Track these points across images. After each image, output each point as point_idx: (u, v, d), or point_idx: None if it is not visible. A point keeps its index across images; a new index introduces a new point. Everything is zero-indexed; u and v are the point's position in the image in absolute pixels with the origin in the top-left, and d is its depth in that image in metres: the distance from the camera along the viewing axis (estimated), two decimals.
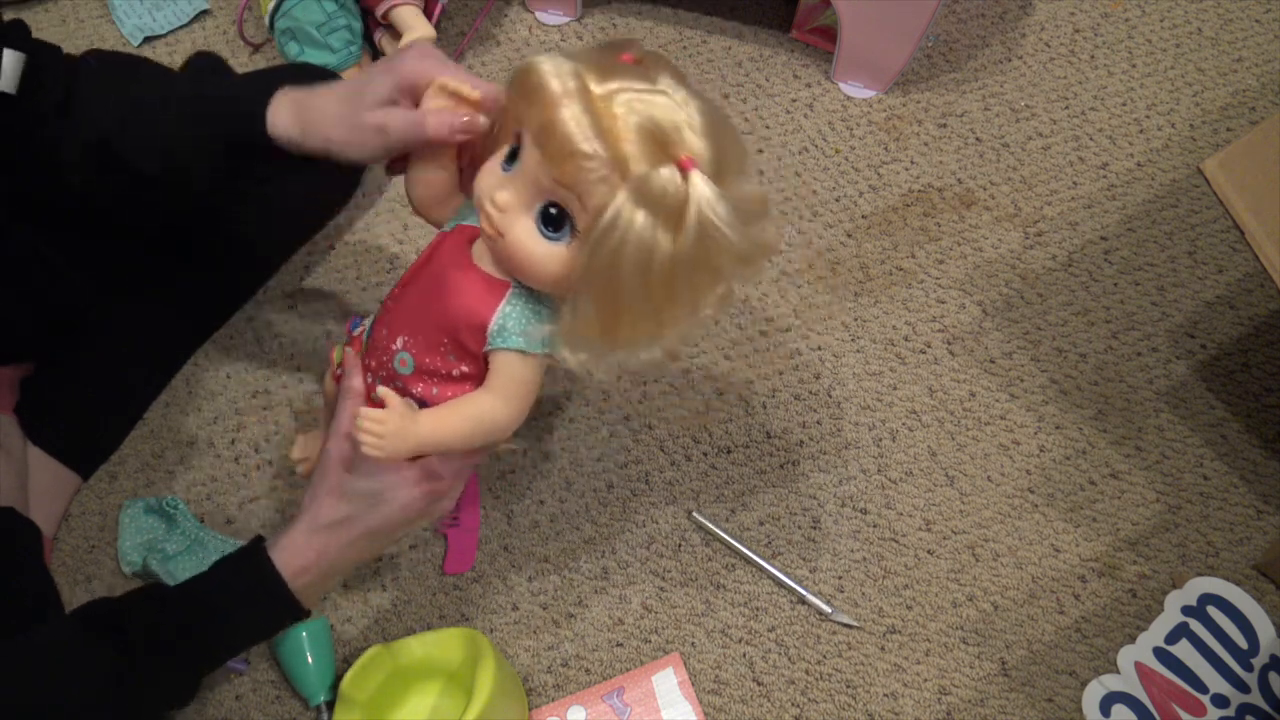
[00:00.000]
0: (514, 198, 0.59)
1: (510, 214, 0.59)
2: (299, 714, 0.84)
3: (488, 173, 0.61)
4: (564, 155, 0.55)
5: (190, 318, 1.00)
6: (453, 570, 0.90)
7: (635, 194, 0.55)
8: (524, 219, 0.59)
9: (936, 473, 0.97)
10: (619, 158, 0.55)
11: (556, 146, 0.55)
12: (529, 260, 0.60)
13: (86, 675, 0.63)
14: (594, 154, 0.54)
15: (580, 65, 0.57)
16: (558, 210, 0.58)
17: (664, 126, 0.56)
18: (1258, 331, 1.06)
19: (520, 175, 0.59)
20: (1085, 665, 0.88)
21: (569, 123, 0.54)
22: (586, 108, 0.55)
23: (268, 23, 1.13)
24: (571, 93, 0.55)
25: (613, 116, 0.55)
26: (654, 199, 0.55)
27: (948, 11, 1.30)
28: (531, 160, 0.58)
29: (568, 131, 0.54)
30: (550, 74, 0.56)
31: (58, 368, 0.91)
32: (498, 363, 0.64)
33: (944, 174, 1.16)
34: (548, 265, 0.60)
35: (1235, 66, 1.27)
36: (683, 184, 0.55)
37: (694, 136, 0.56)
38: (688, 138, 0.56)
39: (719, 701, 0.85)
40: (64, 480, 0.91)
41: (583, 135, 0.54)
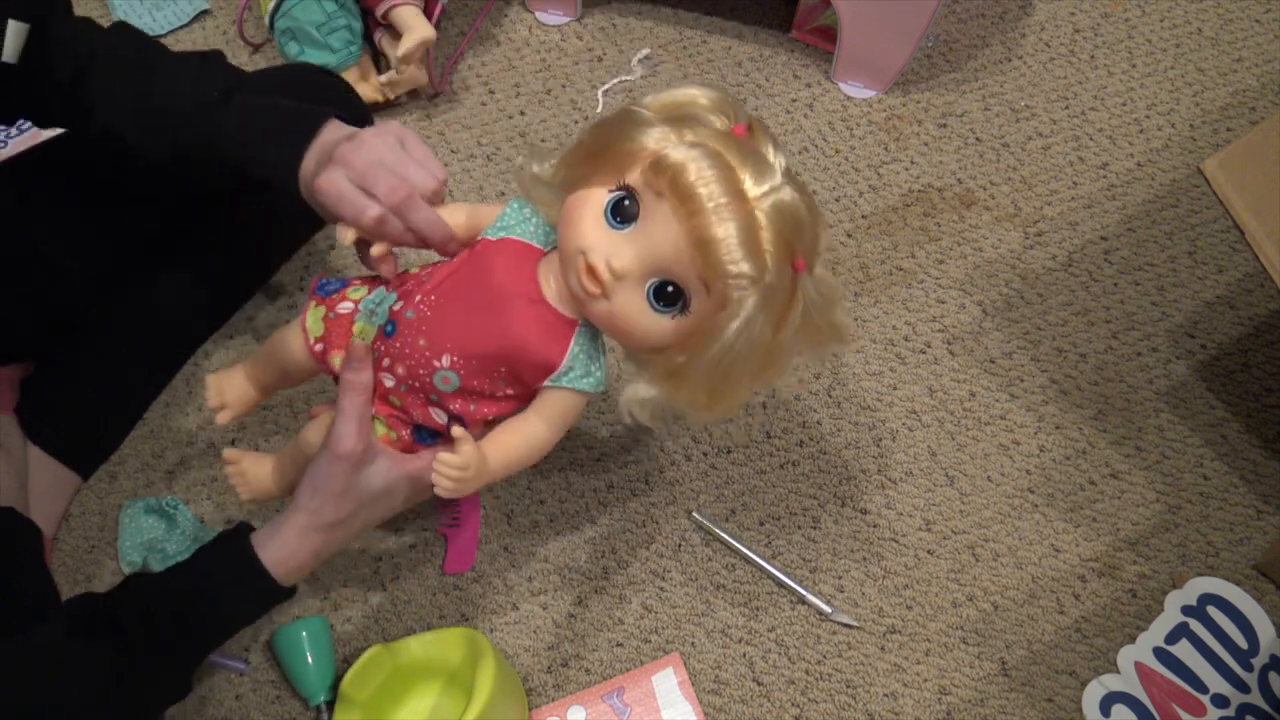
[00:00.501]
0: (634, 266, 0.58)
1: (625, 282, 0.58)
2: (299, 714, 0.84)
3: (592, 224, 0.59)
4: (715, 269, 0.56)
5: (190, 317, 0.99)
6: (453, 570, 0.90)
7: (764, 300, 0.57)
8: (636, 290, 0.59)
9: (936, 473, 0.97)
10: (761, 268, 0.56)
11: (712, 260, 0.55)
12: (633, 329, 0.60)
13: (85, 675, 0.63)
14: (743, 274, 0.56)
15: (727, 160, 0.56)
16: (675, 289, 0.58)
17: (792, 231, 0.57)
18: (1258, 331, 1.06)
19: (641, 246, 0.58)
20: (1085, 665, 0.88)
21: (726, 243, 0.55)
22: (744, 225, 0.55)
23: (268, 23, 1.13)
24: (727, 208, 0.55)
25: (759, 227, 0.56)
26: (776, 299, 0.58)
27: (948, 11, 1.30)
28: (666, 242, 0.57)
29: (725, 252, 0.55)
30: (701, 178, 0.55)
31: (58, 368, 0.91)
32: (554, 397, 0.65)
33: (944, 174, 1.16)
34: (649, 334, 0.60)
35: (1235, 66, 1.27)
36: (794, 285, 0.59)
37: (807, 233, 0.59)
38: (804, 233, 0.58)
39: (719, 701, 0.85)
40: (64, 480, 0.91)
41: (738, 256, 0.55)
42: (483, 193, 1.12)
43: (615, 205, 0.58)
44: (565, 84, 1.21)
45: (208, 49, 0.79)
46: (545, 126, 1.18)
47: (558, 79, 1.22)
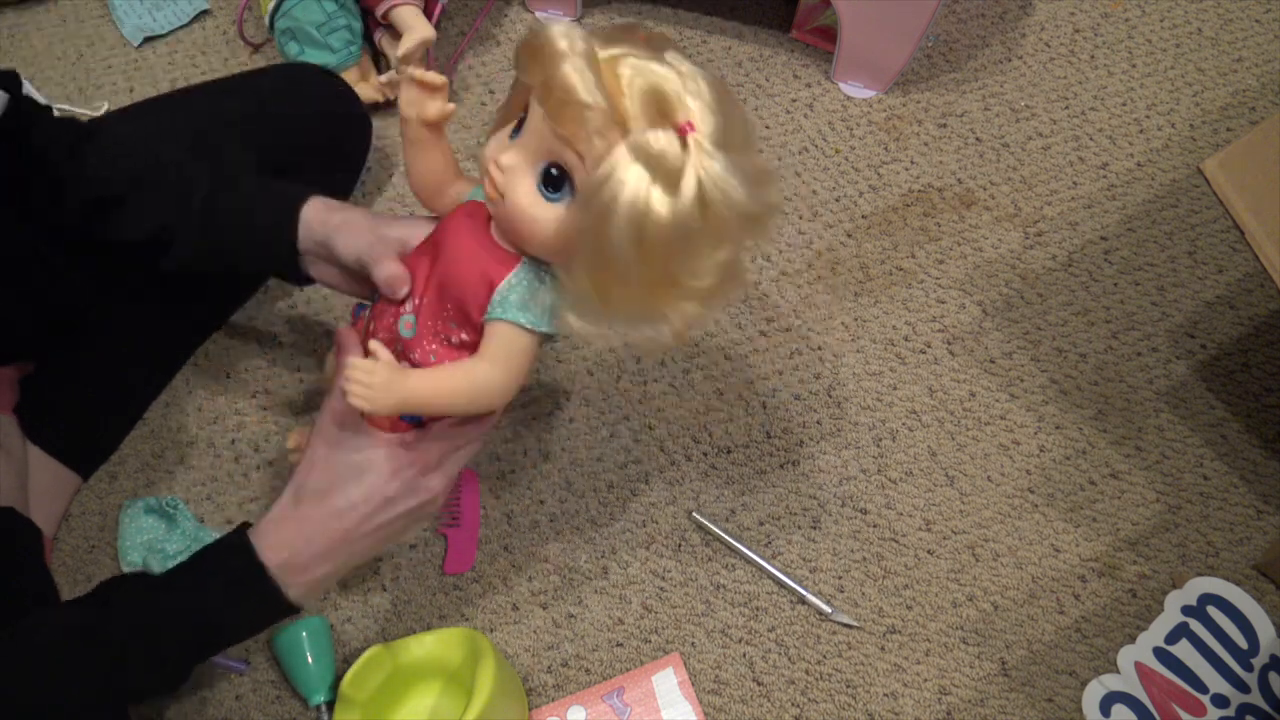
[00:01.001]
0: (517, 158, 0.60)
1: (512, 174, 0.60)
2: (299, 714, 0.84)
3: (494, 141, 0.62)
4: (564, 105, 0.55)
5: (190, 317, 1.00)
6: (453, 570, 0.90)
7: (633, 150, 0.55)
8: (526, 180, 0.60)
9: (936, 473, 0.97)
10: (619, 113, 0.55)
11: (558, 99, 0.55)
12: (528, 221, 0.60)
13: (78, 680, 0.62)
14: (594, 104, 0.54)
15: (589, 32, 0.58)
16: (559, 170, 0.59)
17: (667, 92, 0.56)
18: (1258, 331, 1.06)
19: (524, 137, 0.60)
20: (1085, 665, 0.88)
21: (571, 75, 0.55)
22: (590, 64, 0.55)
23: (268, 23, 1.13)
24: (577, 51, 0.55)
25: (615, 76, 0.56)
26: (651, 157, 0.55)
27: (948, 11, 1.30)
28: (535, 119, 0.58)
29: (569, 83, 0.55)
30: (557, 34, 0.56)
31: (58, 368, 0.91)
32: (494, 331, 0.64)
33: (944, 174, 1.16)
34: (546, 226, 0.60)
35: (1235, 66, 1.27)
36: (681, 148, 0.55)
37: (697, 105, 0.56)
38: (690, 104, 0.56)
39: (719, 701, 0.85)
40: (64, 480, 0.91)
41: (584, 87, 0.54)
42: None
43: (516, 126, 0.61)
44: None
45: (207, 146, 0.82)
46: None
47: None
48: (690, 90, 0.56)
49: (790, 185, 1.15)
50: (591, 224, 0.56)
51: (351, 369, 0.61)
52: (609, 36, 0.58)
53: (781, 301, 1.06)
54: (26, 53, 1.21)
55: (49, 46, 1.22)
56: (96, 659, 0.63)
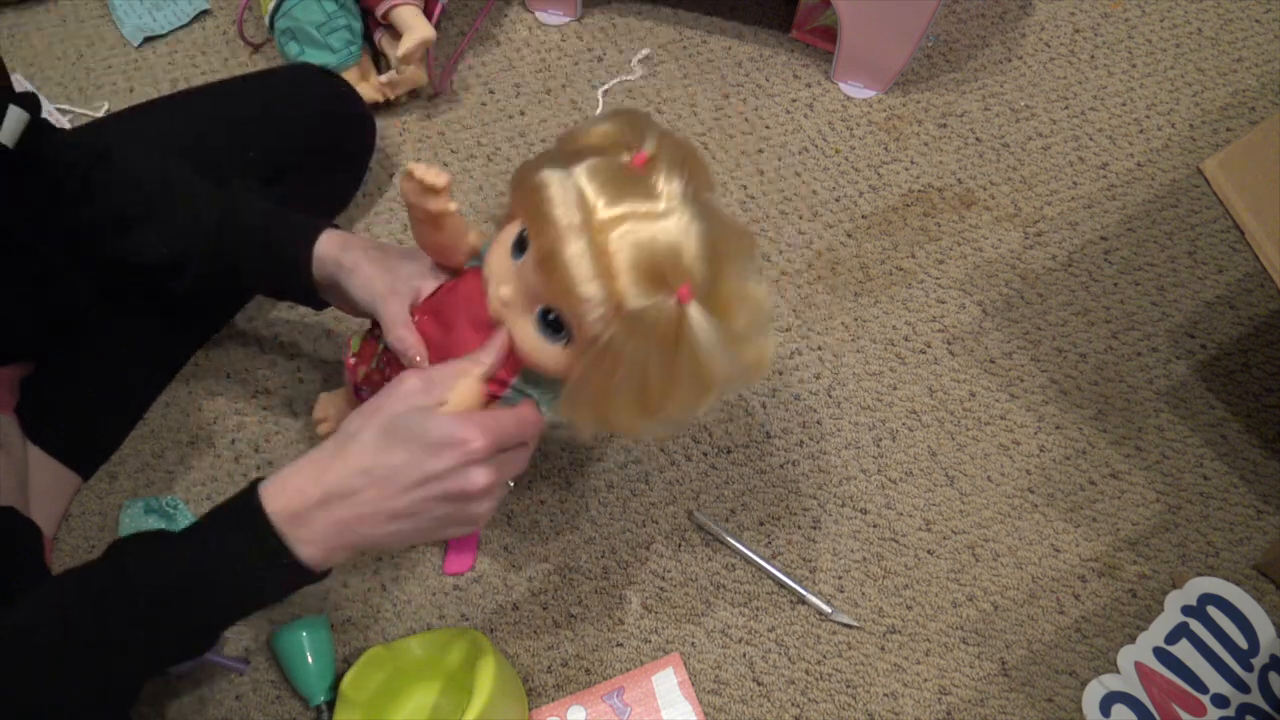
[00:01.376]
0: (516, 297, 0.62)
1: (511, 311, 0.62)
2: (299, 714, 0.84)
3: (499, 253, 0.63)
4: (563, 291, 0.57)
5: (191, 319, 1.00)
6: (453, 570, 0.90)
7: (627, 328, 0.56)
8: (524, 318, 0.62)
9: (936, 473, 0.97)
10: (614, 294, 0.56)
11: (557, 281, 0.56)
12: (528, 356, 0.63)
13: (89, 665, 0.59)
14: (590, 298, 0.56)
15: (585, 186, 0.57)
16: (555, 317, 0.60)
17: (660, 258, 0.56)
18: (1258, 331, 1.06)
19: (523, 277, 0.61)
20: (1085, 665, 0.88)
21: (570, 263, 0.56)
22: (588, 246, 0.55)
23: (268, 23, 1.13)
24: (576, 228, 0.56)
25: (610, 254, 0.55)
26: (646, 330, 0.57)
27: (948, 11, 1.30)
28: (530, 271, 0.59)
29: (569, 272, 0.56)
30: (558, 201, 0.57)
31: (58, 368, 0.91)
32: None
33: (944, 174, 1.16)
34: (546, 363, 0.62)
35: (1235, 66, 1.27)
36: (677, 314, 0.56)
37: (693, 260, 0.56)
38: (686, 263, 0.56)
39: (719, 701, 0.85)
40: (64, 480, 0.91)
41: (582, 277, 0.55)
42: (482, 193, 1.12)
43: (517, 241, 0.62)
44: (565, 84, 1.21)
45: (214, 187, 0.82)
46: (545, 126, 1.18)
47: (558, 79, 1.22)
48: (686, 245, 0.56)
49: (790, 185, 1.15)
50: (594, 380, 0.59)
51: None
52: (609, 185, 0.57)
53: (781, 301, 1.06)
54: (26, 53, 1.21)
55: (49, 46, 1.22)
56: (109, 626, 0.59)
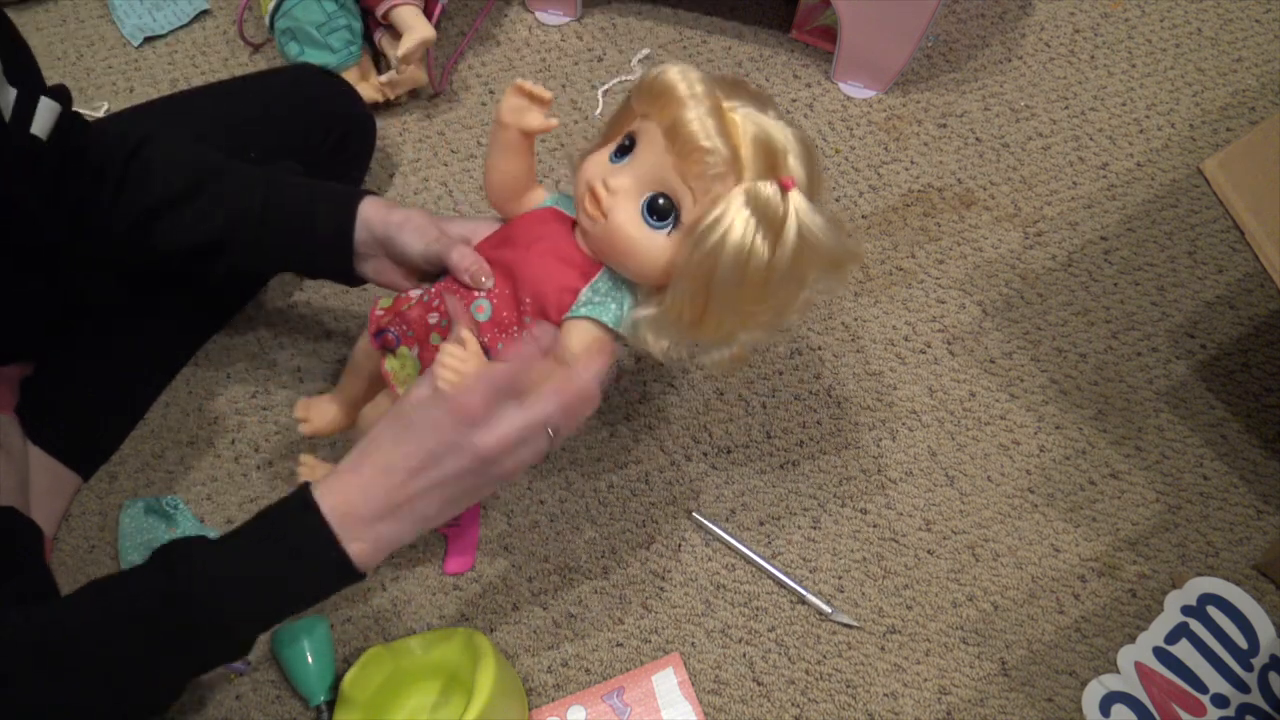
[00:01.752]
0: (626, 182, 0.64)
1: (619, 198, 0.64)
2: (299, 714, 0.84)
3: (595, 162, 0.66)
4: (689, 149, 0.61)
5: (191, 318, 1.00)
6: (453, 570, 0.90)
7: (746, 196, 0.60)
8: (631, 204, 0.64)
9: (936, 473, 0.97)
10: (737, 160, 0.61)
11: (683, 141, 0.61)
12: (630, 244, 0.65)
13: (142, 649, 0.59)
14: (716, 150, 0.60)
15: (706, 78, 0.63)
16: (666, 200, 0.63)
17: (775, 145, 0.62)
18: (1258, 331, 1.06)
19: (635, 166, 0.64)
20: (1085, 665, 0.88)
21: (695, 121, 0.60)
22: (712, 110, 0.61)
23: (268, 23, 1.13)
24: (700, 96, 0.61)
25: (734, 123, 0.62)
26: (760, 206, 0.60)
27: (948, 11, 1.30)
28: (651, 154, 0.63)
29: (694, 130, 0.60)
30: (679, 79, 0.62)
31: (58, 368, 0.91)
32: (573, 329, 0.67)
33: (944, 174, 1.16)
34: (648, 251, 0.64)
35: (1235, 66, 1.27)
36: (783, 200, 0.61)
37: (795, 162, 0.63)
38: (791, 162, 0.63)
39: (719, 701, 0.85)
40: (64, 480, 0.91)
41: (707, 133, 0.60)
42: (483, 192, 1.12)
43: (619, 149, 0.65)
44: (565, 84, 1.21)
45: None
46: None
47: (558, 79, 1.22)
48: (792, 148, 0.63)
49: None
50: (699, 260, 0.62)
51: (446, 353, 0.61)
52: (723, 86, 0.64)
53: None
54: None
55: (49, 46, 1.22)
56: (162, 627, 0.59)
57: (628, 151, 0.65)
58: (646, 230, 0.64)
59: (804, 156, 0.64)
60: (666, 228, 0.64)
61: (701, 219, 0.61)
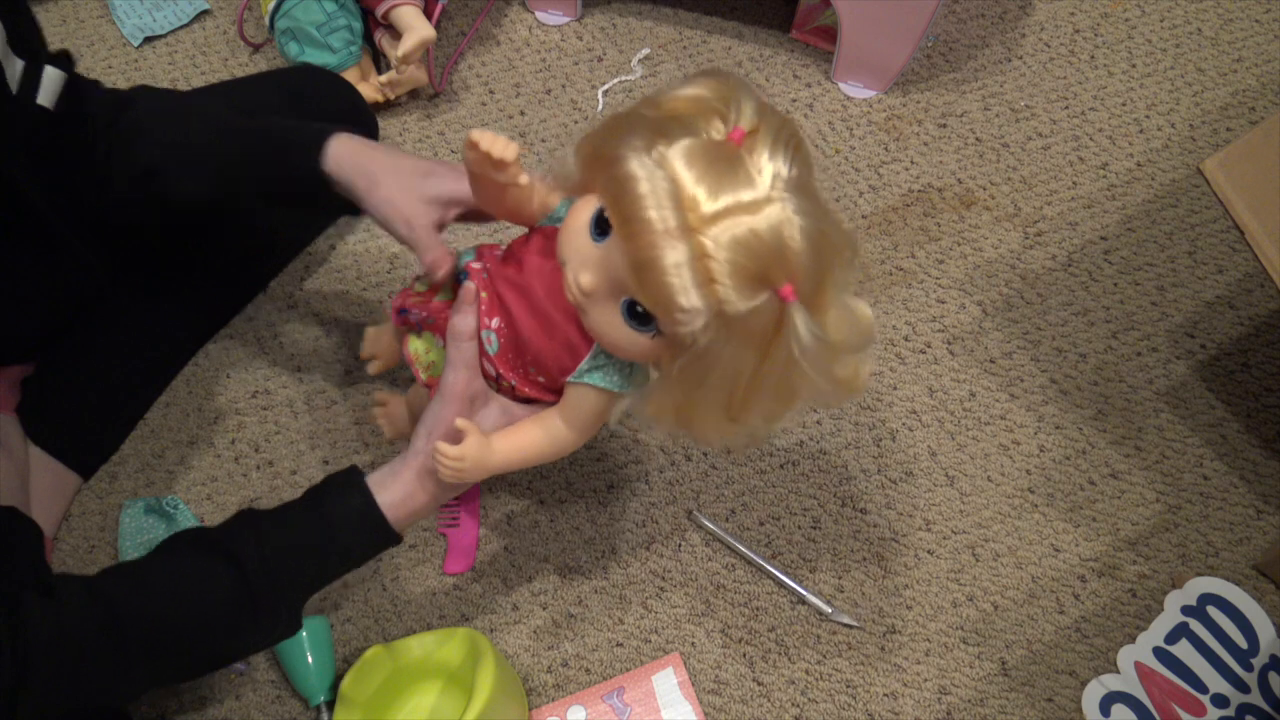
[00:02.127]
0: (600, 286, 0.56)
1: (595, 302, 0.57)
2: (299, 714, 0.84)
3: (574, 235, 0.58)
4: (661, 302, 0.52)
5: (191, 318, 1.00)
6: (453, 570, 0.90)
7: (726, 332, 0.53)
8: (609, 307, 0.57)
9: (936, 473, 0.97)
10: (715, 301, 0.51)
11: (654, 290, 0.52)
12: (611, 343, 0.60)
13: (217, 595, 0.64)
14: (691, 308, 0.51)
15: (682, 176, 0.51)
16: (644, 310, 0.55)
17: (763, 256, 0.51)
18: (1258, 331, 1.06)
19: (608, 265, 0.55)
20: (1085, 665, 0.88)
21: (670, 273, 0.50)
22: (688, 252, 0.50)
23: (268, 23, 1.13)
24: (673, 231, 0.50)
25: (710, 257, 0.50)
26: (745, 332, 0.53)
27: (948, 11, 1.29)
28: (621, 264, 0.54)
29: (669, 282, 0.51)
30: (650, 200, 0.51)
31: (58, 368, 0.91)
32: (575, 394, 0.65)
33: (944, 174, 1.16)
34: (633, 348, 0.59)
35: (1235, 66, 1.27)
36: (777, 313, 0.52)
37: (796, 257, 0.52)
38: (790, 260, 0.51)
39: (719, 701, 0.85)
40: (64, 480, 0.91)
41: (682, 288, 0.51)
42: None
43: (596, 219, 0.56)
44: (565, 84, 1.21)
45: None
46: (545, 126, 1.18)
47: (558, 79, 1.22)
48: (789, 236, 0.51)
49: None
50: (683, 381, 0.57)
51: (440, 456, 0.63)
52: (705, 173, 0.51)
53: None
54: None
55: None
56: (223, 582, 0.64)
57: (604, 229, 0.56)
58: (629, 332, 0.57)
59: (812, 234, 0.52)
60: (650, 331, 0.57)
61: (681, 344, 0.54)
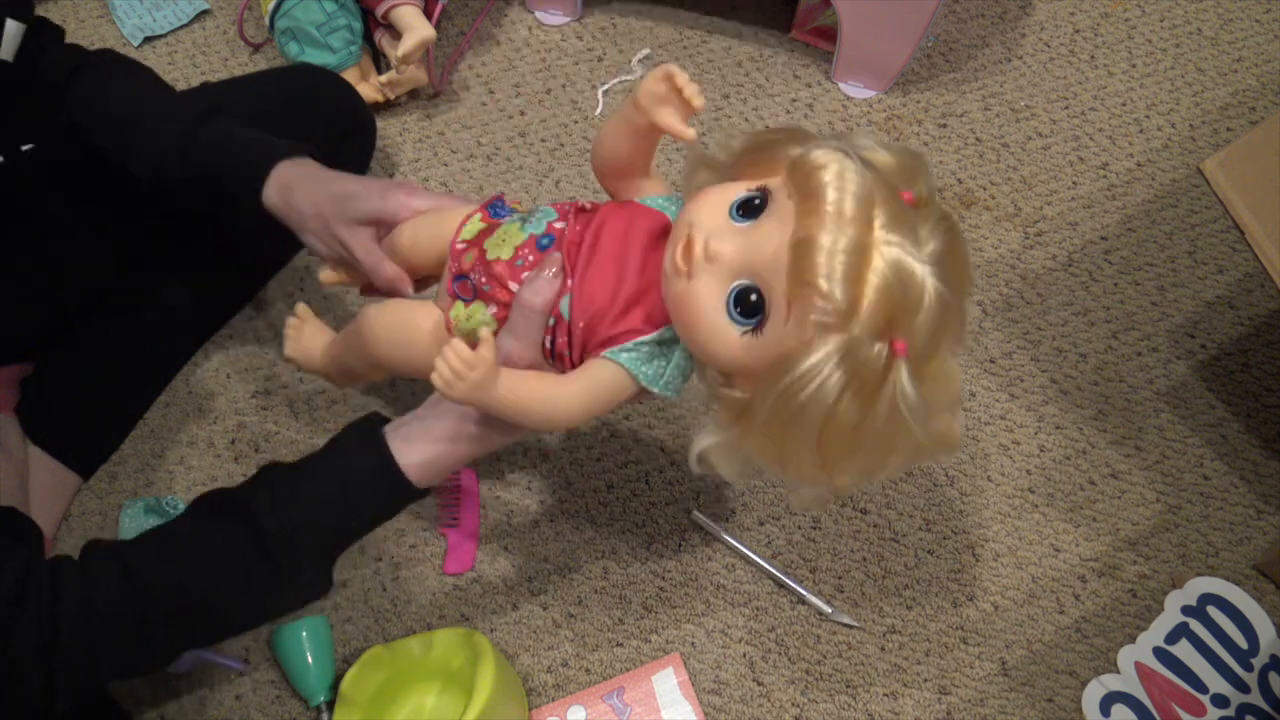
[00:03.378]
0: (731, 256, 0.53)
1: (714, 268, 0.54)
2: (299, 714, 0.84)
3: (712, 206, 0.55)
4: (803, 279, 0.50)
5: (191, 318, 0.99)
6: (453, 570, 0.90)
7: (844, 352, 0.50)
8: (721, 284, 0.54)
9: (936, 473, 0.97)
10: (852, 315, 0.50)
11: (802, 266, 0.50)
12: (700, 323, 0.55)
13: (234, 556, 0.63)
14: (831, 298, 0.49)
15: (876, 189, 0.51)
16: (759, 299, 0.53)
17: (905, 300, 0.50)
18: (1258, 331, 1.06)
19: (751, 238, 0.53)
20: (1085, 665, 0.88)
21: (824, 253, 0.49)
22: (854, 244, 0.49)
23: (268, 23, 1.13)
24: (847, 218, 0.49)
25: (869, 267, 0.50)
26: (857, 366, 0.50)
27: (948, 11, 1.30)
28: (773, 237, 0.52)
29: (818, 262, 0.49)
30: (832, 183, 0.50)
31: (58, 368, 0.91)
32: (598, 367, 0.61)
33: (944, 174, 1.16)
34: (716, 340, 0.55)
35: (1235, 66, 1.27)
36: (888, 365, 0.51)
37: (924, 321, 0.51)
38: (918, 320, 0.51)
39: (719, 701, 0.85)
40: (64, 480, 0.91)
41: (830, 274, 0.49)
42: (482, 192, 1.12)
43: (744, 201, 0.54)
44: (565, 84, 1.21)
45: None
46: (545, 126, 1.18)
47: (558, 79, 1.22)
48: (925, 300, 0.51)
49: None
50: (775, 407, 0.53)
51: (450, 351, 0.57)
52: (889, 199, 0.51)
53: None
54: None
55: None
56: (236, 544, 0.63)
57: (754, 213, 0.54)
58: (724, 319, 0.54)
59: (939, 309, 0.51)
60: (747, 327, 0.54)
61: (787, 361, 0.51)
